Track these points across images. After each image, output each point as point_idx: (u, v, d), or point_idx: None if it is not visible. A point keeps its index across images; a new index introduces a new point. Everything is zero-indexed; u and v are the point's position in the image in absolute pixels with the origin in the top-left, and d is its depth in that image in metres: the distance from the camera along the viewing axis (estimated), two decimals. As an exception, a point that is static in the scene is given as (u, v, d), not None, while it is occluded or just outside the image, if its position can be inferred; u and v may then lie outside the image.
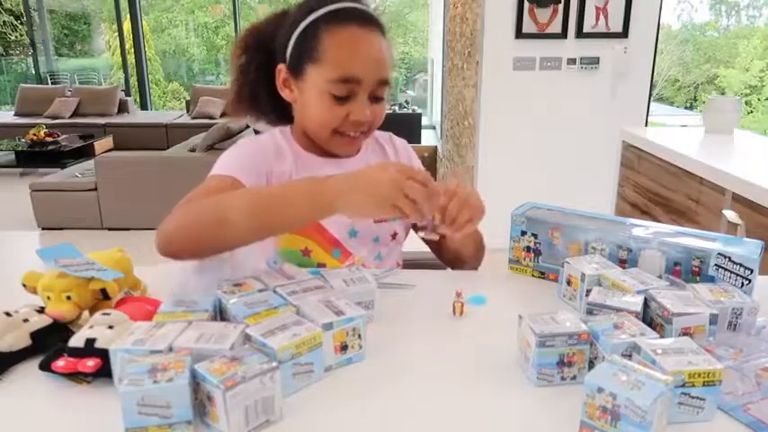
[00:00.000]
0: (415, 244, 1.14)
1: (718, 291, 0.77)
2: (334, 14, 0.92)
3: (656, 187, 2.27)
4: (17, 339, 0.68)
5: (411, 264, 1.12)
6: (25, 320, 0.70)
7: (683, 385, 0.57)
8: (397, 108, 6.93)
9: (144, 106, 8.79)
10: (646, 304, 0.74)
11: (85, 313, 0.76)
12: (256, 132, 1.09)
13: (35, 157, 5.87)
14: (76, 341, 0.64)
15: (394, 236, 1.07)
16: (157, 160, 4.31)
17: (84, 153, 6.00)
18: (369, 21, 0.94)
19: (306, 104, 0.97)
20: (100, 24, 11.74)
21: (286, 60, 0.96)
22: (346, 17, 0.92)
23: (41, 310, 0.73)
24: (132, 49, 8.68)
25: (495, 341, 0.75)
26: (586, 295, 0.79)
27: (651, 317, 0.74)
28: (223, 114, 7.38)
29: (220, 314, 0.75)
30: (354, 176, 0.75)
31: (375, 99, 0.95)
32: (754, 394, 0.62)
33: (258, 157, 0.98)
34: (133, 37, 8.53)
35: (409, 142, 1.19)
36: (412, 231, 1.12)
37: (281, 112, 1.05)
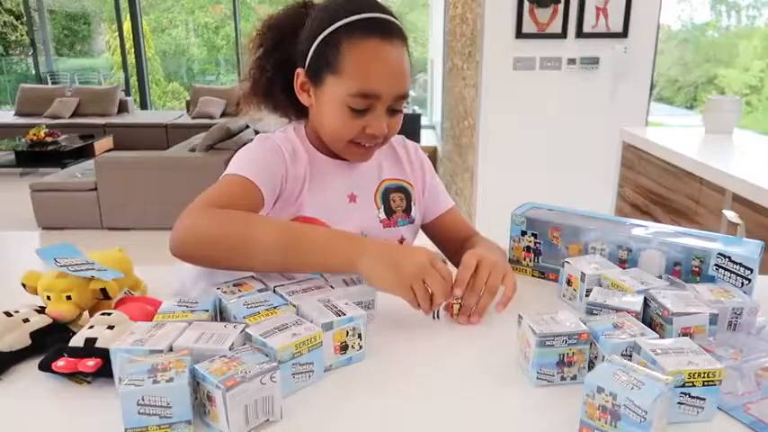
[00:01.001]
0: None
1: (718, 291, 0.77)
2: (357, 25, 0.89)
3: (656, 187, 2.27)
4: (17, 339, 0.68)
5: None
6: (25, 320, 0.70)
7: (683, 385, 0.57)
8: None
9: (144, 106, 8.79)
10: (646, 304, 0.74)
11: (85, 313, 0.76)
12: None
13: (35, 157, 5.88)
14: (76, 341, 0.64)
15: (401, 241, 1.06)
16: (157, 160, 4.31)
17: (84, 153, 6.01)
18: (391, 32, 0.91)
19: (323, 113, 0.95)
20: (100, 24, 11.73)
21: (305, 65, 0.94)
22: (369, 29, 0.89)
23: (41, 310, 0.73)
24: (132, 49, 8.68)
25: (495, 341, 0.76)
26: (586, 295, 0.79)
27: (651, 317, 0.74)
28: (223, 114, 7.38)
29: (220, 314, 0.75)
30: (387, 247, 0.78)
31: (392, 112, 0.94)
32: (754, 394, 0.62)
33: (273, 156, 0.97)
34: (133, 37, 8.53)
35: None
36: (418, 235, 1.12)
37: (297, 109, 1.03)
